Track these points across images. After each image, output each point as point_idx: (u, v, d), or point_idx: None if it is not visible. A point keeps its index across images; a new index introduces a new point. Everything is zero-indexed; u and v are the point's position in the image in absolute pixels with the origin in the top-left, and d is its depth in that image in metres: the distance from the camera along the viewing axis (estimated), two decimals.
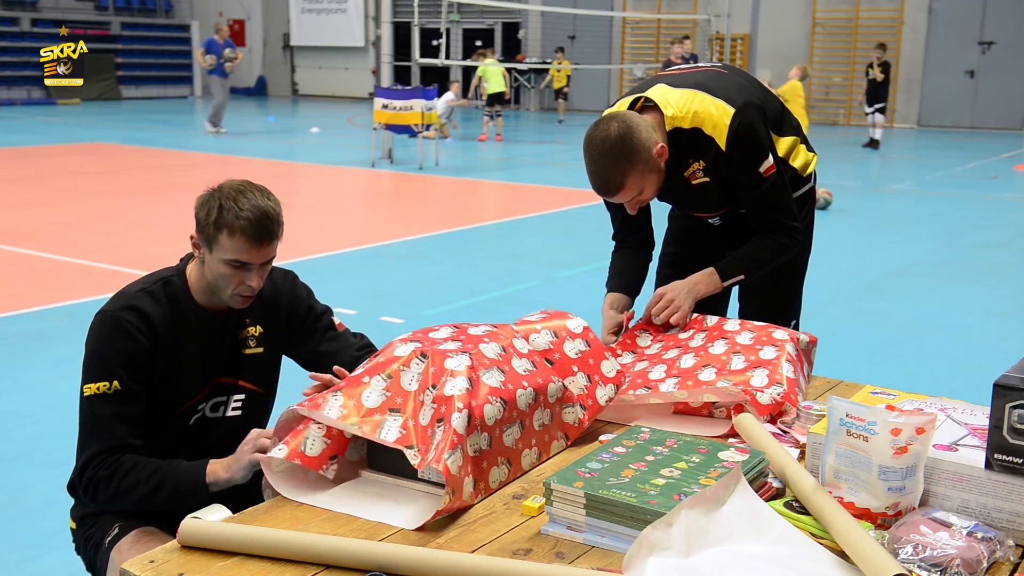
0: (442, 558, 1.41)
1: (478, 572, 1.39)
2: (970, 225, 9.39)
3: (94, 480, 1.94)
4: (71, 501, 2.15)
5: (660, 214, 2.72)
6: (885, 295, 6.65)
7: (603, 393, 2.00)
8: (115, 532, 2.02)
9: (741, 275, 2.57)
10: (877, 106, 15.47)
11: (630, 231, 2.74)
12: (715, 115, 2.42)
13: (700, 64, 2.66)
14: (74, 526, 2.15)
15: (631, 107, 2.49)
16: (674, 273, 2.70)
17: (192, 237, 2.01)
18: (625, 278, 2.68)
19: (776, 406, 1.99)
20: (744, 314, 2.78)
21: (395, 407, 1.71)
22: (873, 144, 15.68)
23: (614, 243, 2.78)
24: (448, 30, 21.16)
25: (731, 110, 2.42)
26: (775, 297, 2.77)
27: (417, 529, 1.56)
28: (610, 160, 2.32)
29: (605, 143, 2.32)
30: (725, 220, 2.72)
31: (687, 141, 2.44)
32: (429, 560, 1.41)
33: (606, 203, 2.69)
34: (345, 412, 1.70)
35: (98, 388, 1.94)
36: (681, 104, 2.44)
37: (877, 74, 15.21)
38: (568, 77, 20.90)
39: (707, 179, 2.51)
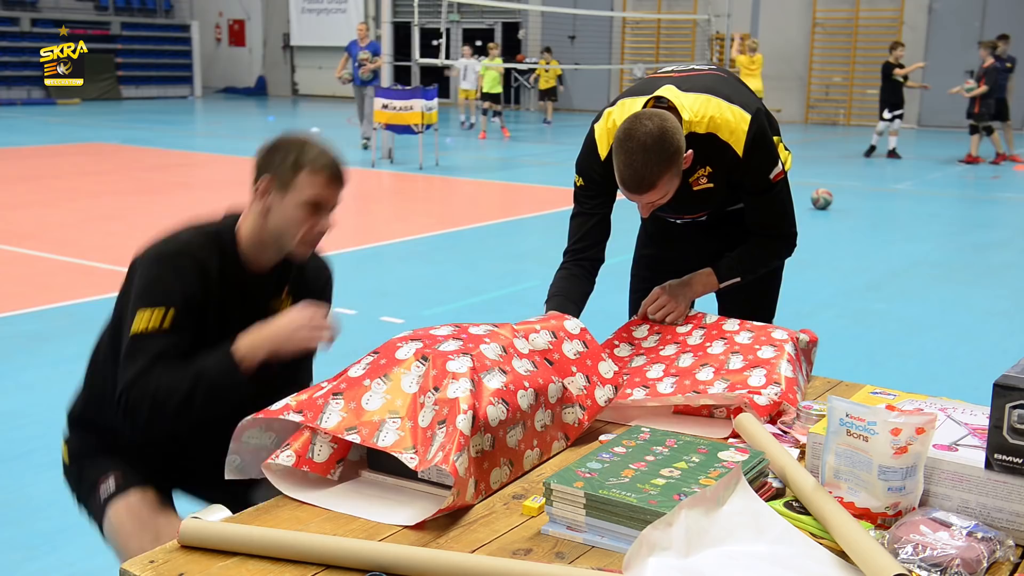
0: (442, 558, 1.41)
1: (478, 572, 1.39)
2: (970, 225, 9.39)
3: (131, 404, 1.86)
4: (71, 501, 2.15)
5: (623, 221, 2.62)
6: (885, 295, 6.64)
7: (602, 394, 2.00)
8: (111, 485, 1.99)
9: (738, 278, 2.55)
10: (897, 112, 14.23)
11: (590, 242, 2.59)
12: (732, 121, 2.39)
13: (696, 67, 2.62)
14: (67, 460, 2.12)
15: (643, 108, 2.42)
16: (652, 275, 2.66)
17: (257, 185, 1.98)
18: (565, 300, 2.50)
19: (774, 406, 1.99)
20: (727, 313, 2.76)
21: (394, 409, 1.71)
22: (892, 154, 14.33)
23: (564, 257, 2.62)
24: (448, 30, 21.14)
25: (747, 116, 2.40)
26: (754, 299, 2.73)
27: (417, 528, 1.56)
28: (650, 156, 2.23)
29: (647, 138, 2.23)
30: (708, 220, 2.70)
31: (700, 147, 2.40)
32: (429, 560, 1.41)
33: (577, 209, 2.61)
34: (345, 416, 1.70)
35: (151, 315, 1.87)
36: (696, 108, 2.39)
37: (900, 75, 14.05)
38: (559, 77, 20.63)
39: (711, 185, 2.49)
